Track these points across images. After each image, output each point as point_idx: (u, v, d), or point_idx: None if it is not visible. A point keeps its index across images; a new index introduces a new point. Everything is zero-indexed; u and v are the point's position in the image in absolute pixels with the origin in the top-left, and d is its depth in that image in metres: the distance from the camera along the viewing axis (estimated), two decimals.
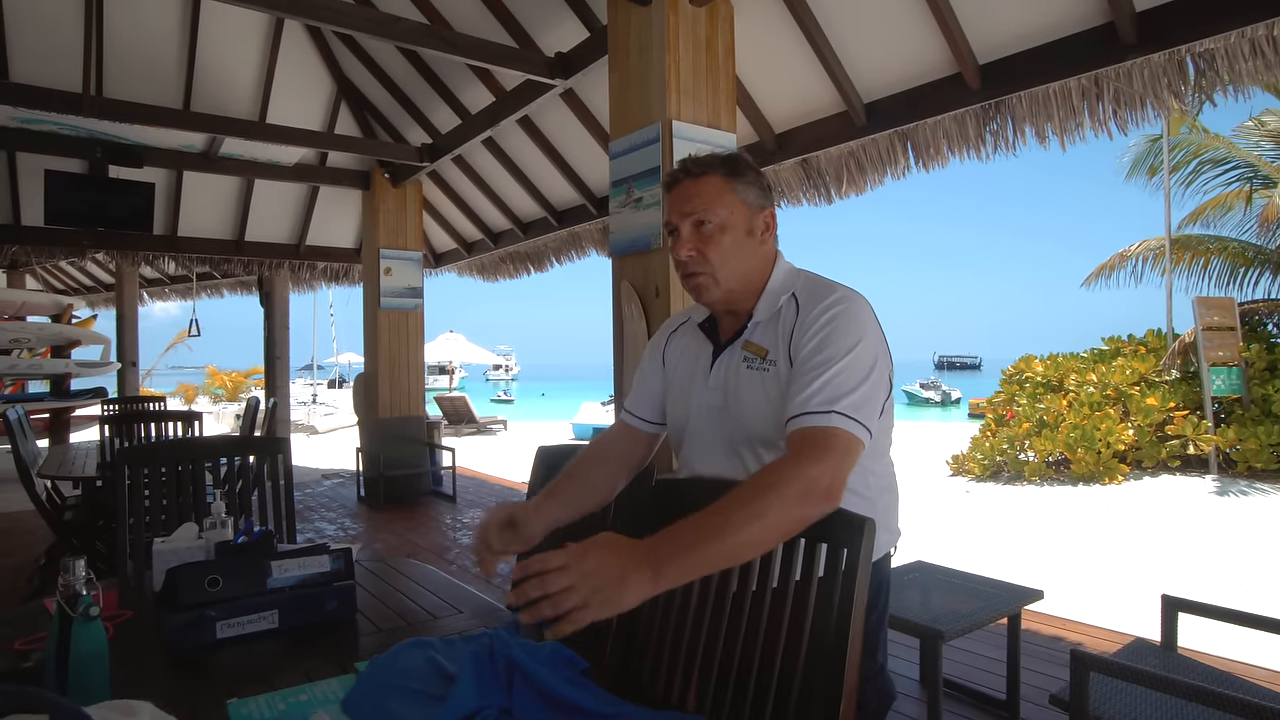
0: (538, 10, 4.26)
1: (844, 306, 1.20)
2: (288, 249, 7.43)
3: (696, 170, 1.29)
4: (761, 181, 1.31)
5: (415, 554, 4.78)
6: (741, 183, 1.28)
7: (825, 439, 1.08)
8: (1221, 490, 7.52)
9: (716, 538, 0.97)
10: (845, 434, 1.08)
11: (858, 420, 1.10)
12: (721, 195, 1.26)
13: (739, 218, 1.27)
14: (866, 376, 1.14)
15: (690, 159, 1.31)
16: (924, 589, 2.46)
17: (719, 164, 1.29)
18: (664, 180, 1.36)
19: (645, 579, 0.92)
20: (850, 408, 1.10)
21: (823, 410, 1.10)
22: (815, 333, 1.18)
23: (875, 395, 1.15)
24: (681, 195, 1.29)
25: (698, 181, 1.28)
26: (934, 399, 36.38)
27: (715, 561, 1.01)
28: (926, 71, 3.26)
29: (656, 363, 1.47)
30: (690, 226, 1.27)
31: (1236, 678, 1.84)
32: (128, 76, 5.34)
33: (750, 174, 1.30)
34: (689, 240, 1.27)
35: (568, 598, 0.87)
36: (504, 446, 14.26)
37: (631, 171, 3.14)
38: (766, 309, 1.29)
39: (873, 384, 1.14)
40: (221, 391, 22.94)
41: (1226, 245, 10.29)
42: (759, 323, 1.29)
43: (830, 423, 1.09)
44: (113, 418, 4.33)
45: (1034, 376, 9.88)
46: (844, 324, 1.18)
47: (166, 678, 1.19)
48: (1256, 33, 2.45)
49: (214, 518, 1.60)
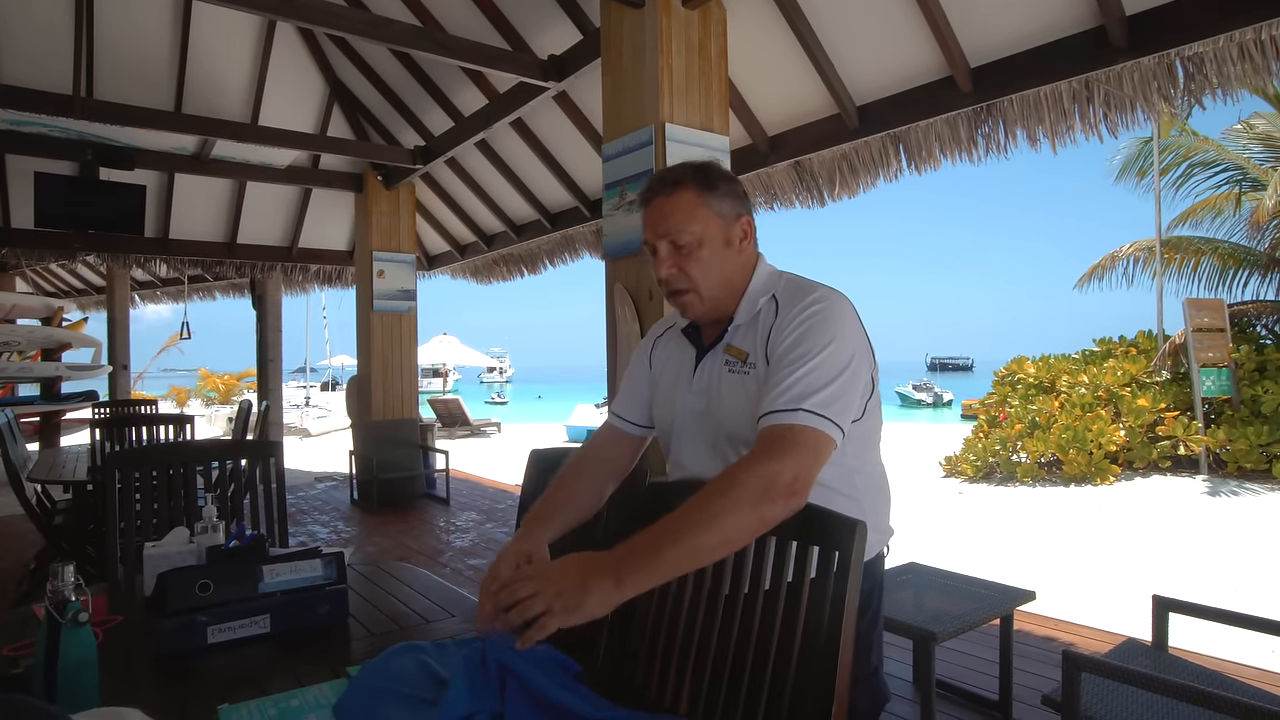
0: (531, 13, 4.26)
1: (821, 306, 1.20)
2: (280, 251, 7.41)
3: (668, 186, 1.27)
4: (735, 189, 1.30)
5: (408, 557, 4.77)
6: (715, 195, 1.27)
7: (790, 436, 1.08)
8: (1212, 490, 7.56)
9: (677, 541, 0.99)
10: (812, 431, 1.08)
11: (826, 417, 1.09)
12: (695, 210, 1.25)
13: (715, 230, 1.26)
14: (839, 374, 1.13)
15: (662, 173, 1.30)
16: (917, 590, 2.47)
17: (691, 175, 1.27)
18: (639, 196, 1.34)
19: (608, 585, 0.95)
20: (818, 405, 1.10)
21: (789, 408, 1.10)
22: (791, 332, 1.19)
23: (848, 393, 1.14)
24: (656, 214, 1.28)
25: (671, 198, 1.26)
26: (926, 400, 36.51)
27: (679, 564, 1.01)
28: (918, 74, 3.28)
29: (644, 366, 1.48)
30: (667, 246, 1.27)
31: (1227, 677, 1.85)
32: (119, 78, 5.31)
33: (723, 184, 1.28)
34: (668, 258, 1.27)
35: (533, 604, 0.92)
36: (498, 449, 14.24)
37: (625, 174, 3.14)
38: (746, 312, 1.29)
39: (845, 382, 1.14)
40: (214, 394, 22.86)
41: (1216, 247, 10.35)
42: (739, 326, 1.29)
43: (796, 420, 1.09)
44: (103, 421, 4.30)
45: (1026, 378, 9.93)
46: (819, 323, 1.18)
47: (157, 683, 1.18)
48: (1244, 37, 2.47)
49: (205, 522, 1.59)
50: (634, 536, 1.01)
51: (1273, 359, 8.53)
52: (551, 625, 0.93)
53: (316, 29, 4.14)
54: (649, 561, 0.98)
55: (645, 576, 0.98)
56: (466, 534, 5.46)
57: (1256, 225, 9.41)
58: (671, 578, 1.02)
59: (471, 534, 5.45)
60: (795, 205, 4.16)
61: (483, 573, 4.64)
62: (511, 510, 6.19)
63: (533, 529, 1.24)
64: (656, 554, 0.98)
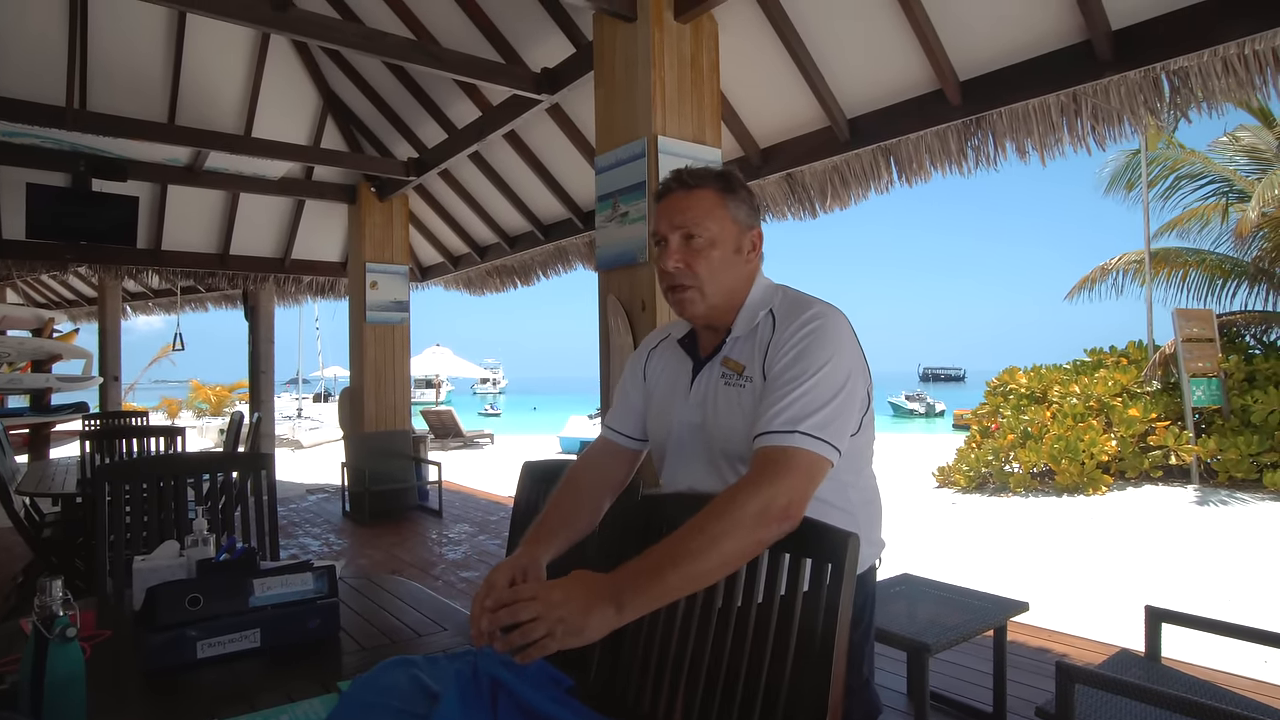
0: (524, 26, 4.29)
1: (819, 323, 1.20)
2: (273, 263, 7.40)
3: (691, 183, 1.28)
4: (752, 201, 1.32)
5: (400, 570, 4.74)
6: (734, 200, 1.28)
7: (786, 459, 1.08)
8: (1203, 500, 7.59)
9: (676, 565, 0.99)
10: (808, 454, 1.08)
11: (823, 439, 1.10)
12: (714, 210, 1.26)
13: (729, 234, 1.27)
14: (836, 394, 1.13)
15: (685, 170, 1.30)
16: (910, 601, 2.46)
17: (713, 179, 1.28)
18: (656, 189, 1.34)
19: (609, 610, 0.95)
20: (815, 427, 1.10)
21: (786, 430, 1.10)
22: (788, 349, 1.18)
23: (845, 413, 1.15)
24: (673, 206, 1.28)
25: (691, 194, 1.27)
26: (918, 410, 36.62)
27: (679, 588, 1.02)
28: (908, 88, 3.31)
29: (638, 379, 1.46)
30: (680, 238, 1.26)
31: (1220, 688, 1.85)
32: (112, 90, 5.31)
33: (743, 192, 1.30)
34: (677, 251, 1.26)
35: (535, 627, 0.93)
36: (491, 461, 14.19)
37: (617, 186, 3.16)
38: (744, 325, 1.29)
39: (842, 402, 1.14)
40: (205, 406, 22.71)
41: (1204, 258, 10.45)
42: (737, 339, 1.29)
43: (792, 443, 1.09)
44: (93, 433, 4.28)
45: (1018, 388, 9.96)
46: (817, 341, 1.18)
47: (145, 699, 1.17)
48: (1229, 51, 2.51)
49: (195, 535, 1.58)
50: (634, 560, 1.01)
51: (1262, 369, 8.60)
52: (552, 647, 0.93)
53: (310, 42, 4.15)
54: (650, 586, 0.98)
55: (646, 601, 0.99)
56: (459, 546, 5.43)
57: (1241, 236, 9.51)
58: (671, 601, 1.03)
59: (464, 546, 5.43)
60: (787, 217, 4.18)
61: (475, 585, 4.60)
62: (504, 522, 6.17)
63: (530, 549, 1.23)
64: (657, 578, 0.99)
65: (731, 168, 1.35)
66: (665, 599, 1.02)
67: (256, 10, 3.49)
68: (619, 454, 1.45)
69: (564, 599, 0.95)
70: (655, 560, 1.00)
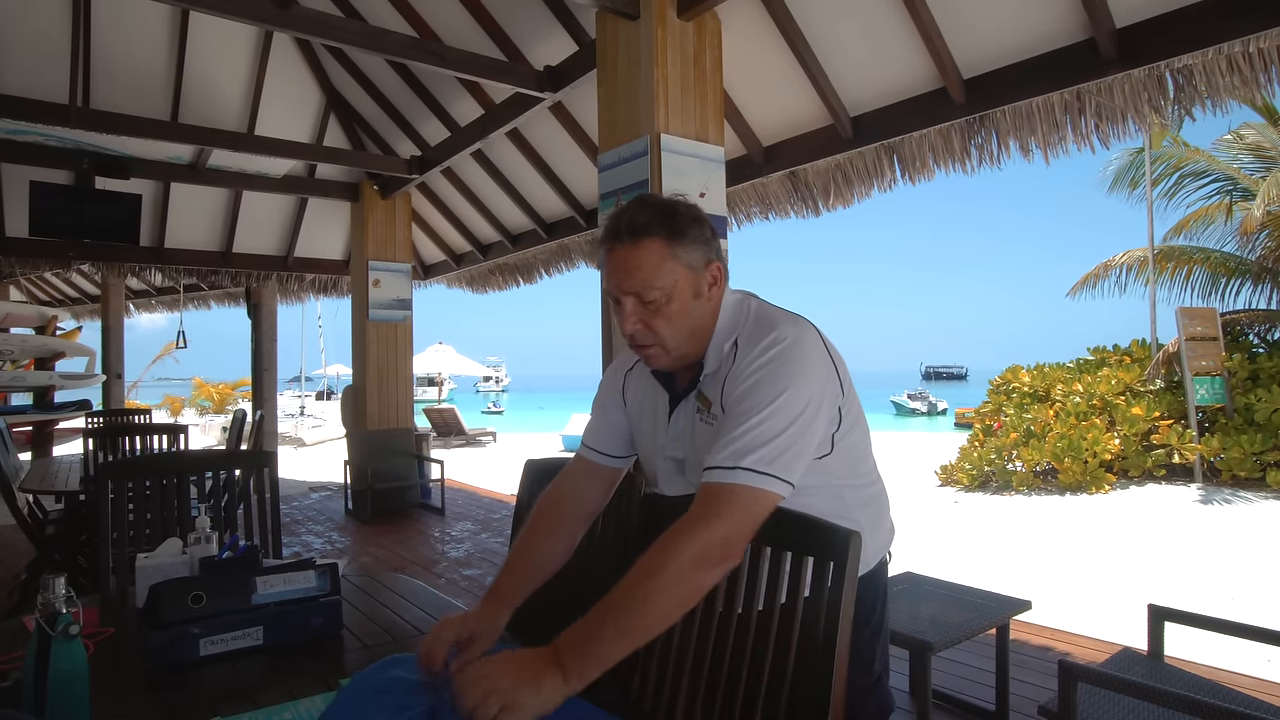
0: (527, 24, 4.29)
1: (776, 350, 1.14)
2: (276, 260, 7.40)
3: (633, 235, 1.16)
4: (704, 233, 1.20)
5: (403, 568, 4.75)
6: (683, 245, 1.17)
7: (725, 496, 1.05)
8: (1206, 499, 7.58)
9: (618, 623, 0.98)
10: (749, 490, 1.05)
11: (768, 474, 1.06)
12: (663, 264, 1.16)
13: (684, 284, 1.18)
14: (789, 425, 1.09)
15: (625, 216, 1.18)
16: (913, 600, 2.46)
17: (657, 225, 1.16)
18: (600, 237, 1.24)
19: (557, 679, 0.94)
20: (759, 462, 1.06)
21: (728, 465, 1.07)
22: (743, 381, 1.14)
23: (799, 442, 1.10)
24: (620, 266, 1.17)
25: (636, 249, 1.16)
26: (921, 409, 36.56)
27: (624, 644, 0.99)
28: (912, 86, 3.30)
29: (617, 399, 1.41)
30: (633, 302, 1.18)
31: (1222, 687, 1.85)
32: (115, 88, 5.31)
33: (692, 229, 1.18)
34: (633, 314, 1.18)
35: (488, 706, 0.90)
36: (493, 459, 14.20)
37: (620, 184, 3.15)
38: (714, 359, 1.23)
39: (794, 433, 1.09)
40: (208, 404, 22.72)
41: (1208, 256, 10.42)
42: (709, 374, 1.24)
43: (734, 479, 1.06)
44: (96, 431, 4.28)
45: (1021, 387, 9.95)
46: (772, 372, 1.12)
47: (148, 696, 1.17)
48: (1233, 49, 2.50)
49: (198, 532, 1.58)
50: (575, 624, 0.99)
51: (1265, 367, 8.57)
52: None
53: (313, 39, 4.15)
54: (594, 649, 0.97)
55: (591, 664, 0.96)
56: (461, 544, 5.44)
57: (1245, 234, 9.48)
58: (619, 659, 0.99)
59: (466, 544, 5.43)
60: (790, 215, 4.18)
61: (478, 583, 4.61)
62: (507, 520, 6.17)
63: (493, 606, 1.20)
64: (598, 640, 0.97)
65: (677, 198, 1.23)
66: (612, 659, 0.98)
67: (259, 8, 3.49)
68: (598, 473, 1.39)
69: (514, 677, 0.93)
70: (598, 620, 0.98)
